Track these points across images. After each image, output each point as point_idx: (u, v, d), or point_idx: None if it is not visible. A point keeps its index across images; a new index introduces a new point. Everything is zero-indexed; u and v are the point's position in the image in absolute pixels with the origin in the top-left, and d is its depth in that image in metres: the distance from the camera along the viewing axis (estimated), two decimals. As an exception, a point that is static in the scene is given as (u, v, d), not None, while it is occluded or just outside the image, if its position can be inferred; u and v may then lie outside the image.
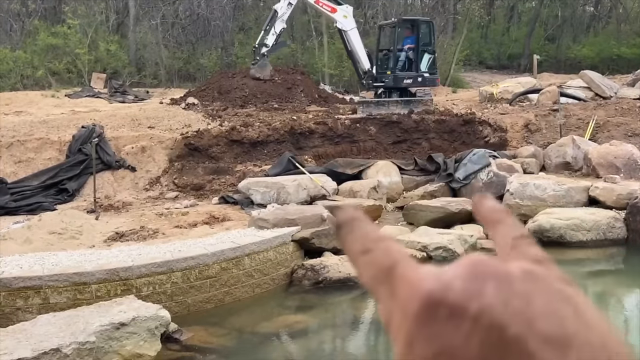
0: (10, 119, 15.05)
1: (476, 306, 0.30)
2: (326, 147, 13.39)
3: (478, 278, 0.31)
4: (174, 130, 13.54)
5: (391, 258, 0.35)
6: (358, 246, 0.36)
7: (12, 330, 5.62)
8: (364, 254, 0.36)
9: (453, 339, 0.30)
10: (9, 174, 11.82)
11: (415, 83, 15.76)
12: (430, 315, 0.31)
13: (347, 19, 16.35)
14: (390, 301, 0.33)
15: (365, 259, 0.36)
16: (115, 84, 22.16)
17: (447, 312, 0.30)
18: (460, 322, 0.30)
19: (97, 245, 8.36)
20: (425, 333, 0.30)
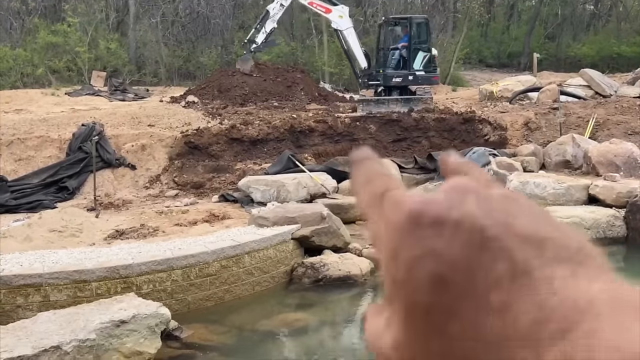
0: (11, 117, 15.05)
1: (457, 214, 0.31)
2: (326, 145, 13.40)
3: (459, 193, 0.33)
4: (174, 129, 13.55)
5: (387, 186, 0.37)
6: (363, 178, 0.39)
7: (12, 328, 5.63)
8: (366, 184, 0.38)
9: (435, 242, 0.31)
10: (9, 172, 11.83)
11: (405, 81, 15.71)
12: (413, 226, 0.32)
13: (342, 19, 16.38)
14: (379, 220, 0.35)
15: (366, 188, 0.38)
16: (115, 82, 22.17)
17: (430, 221, 0.32)
18: (442, 228, 0.31)
19: (97, 243, 8.37)
20: (409, 241, 0.32)
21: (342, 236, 8.77)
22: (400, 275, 0.32)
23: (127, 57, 27.04)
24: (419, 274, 0.31)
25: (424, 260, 0.31)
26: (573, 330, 0.27)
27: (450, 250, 0.31)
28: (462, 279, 0.30)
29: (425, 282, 0.31)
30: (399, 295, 0.32)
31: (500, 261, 0.30)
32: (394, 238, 0.33)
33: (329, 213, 8.84)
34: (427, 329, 0.31)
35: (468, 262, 0.30)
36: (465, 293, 0.30)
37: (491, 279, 0.30)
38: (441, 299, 0.30)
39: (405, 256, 0.32)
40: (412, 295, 0.31)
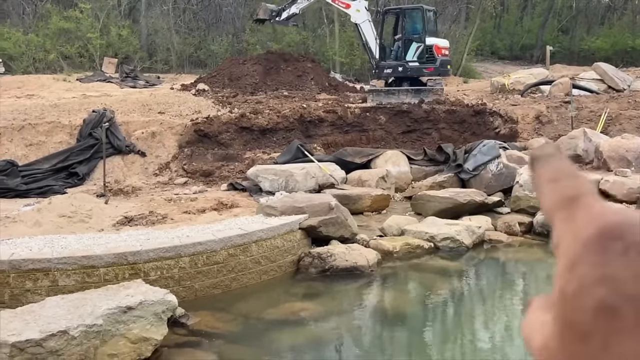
0: (22, 102, 15.13)
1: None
2: (335, 135, 13.37)
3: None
4: (184, 116, 13.57)
5: (579, 190, 0.35)
6: (549, 175, 0.37)
7: (20, 312, 5.67)
8: (553, 182, 0.36)
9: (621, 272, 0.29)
10: (20, 157, 11.91)
11: (395, 73, 15.68)
12: (603, 245, 0.30)
13: (359, 13, 16.34)
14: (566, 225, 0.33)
15: (553, 186, 0.36)
16: (126, 69, 22.20)
17: (624, 247, 0.29)
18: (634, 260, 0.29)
19: (106, 229, 8.41)
20: (592, 259, 0.30)
21: (350, 227, 8.77)
22: (570, 289, 0.30)
23: (139, 44, 27.06)
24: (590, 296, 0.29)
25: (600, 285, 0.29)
26: None
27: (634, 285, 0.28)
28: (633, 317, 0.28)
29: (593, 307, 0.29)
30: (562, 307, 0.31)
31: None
32: (578, 249, 0.31)
33: (337, 203, 8.83)
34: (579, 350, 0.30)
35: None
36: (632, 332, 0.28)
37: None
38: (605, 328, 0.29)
39: (583, 273, 0.30)
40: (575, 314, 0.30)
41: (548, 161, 0.38)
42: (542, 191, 0.37)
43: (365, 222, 9.56)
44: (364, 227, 9.24)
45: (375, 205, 10.24)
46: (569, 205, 0.34)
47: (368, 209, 10.16)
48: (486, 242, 9.41)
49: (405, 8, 16.74)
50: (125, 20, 28.12)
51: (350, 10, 16.37)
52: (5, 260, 6.78)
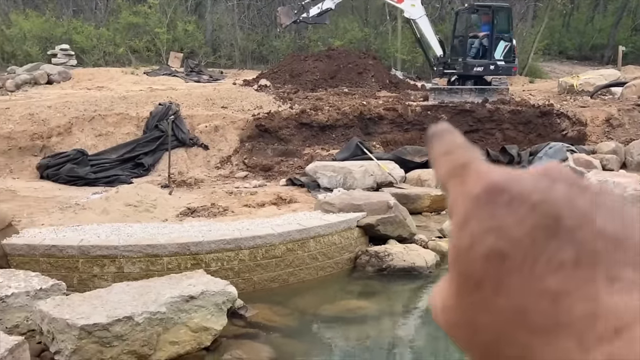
0: (92, 93, 15.74)
1: (538, 197, 0.31)
2: (395, 133, 13.25)
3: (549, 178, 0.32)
4: (246, 111, 13.77)
5: (470, 157, 0.37)
6: (443, 148, 0.38)
7: (88, 296, 5.87)
8: (446, 154, 0.38)
9: (506, 220, 0.31)
10: (89, 147, 12.38)
11: (486, 71, 15.36)
12: (489, 199, 0.32)
13: (414, 8, 15.97)
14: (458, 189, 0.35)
15: (446, 157, 0.38)
16: (191, 64, 22.72)
17: (508, 198, 0.31)
18: (517, 208, 0.31)
19: (169, 219, 8.63)
20: (481, 213, 0.32)
21: (408, 227, 8.68)
22: (463, 244, 0.32)
23: (203, 39, 27.63)
24: (481, 245, 0.31)
25: (489, 234, 0.31)
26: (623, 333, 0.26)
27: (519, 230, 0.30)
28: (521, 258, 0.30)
29: (484, 255, 0.31)
30: (457, 263, 0.32)
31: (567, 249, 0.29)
32: (468, 207, 0.33)
33: (396, 202, 8.76)
34: (476, 300, 0.31)
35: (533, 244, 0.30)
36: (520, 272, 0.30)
37: (553, 263, 0.29)
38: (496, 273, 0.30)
39: (473, 227, 0.32)
40: (468, 265, 0.31)
41: (442, 136, 0.39)
42: (437, 164, 0.38)
43: (424, 223, 9.44)
44: (423, 228, 9.13)
45: (434, 206, 10.10)
46: (461, 171, 0.36)
47: (427, 209, 10.03)
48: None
49: (497, 6, 16.27)
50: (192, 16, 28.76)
51: (404, 4, 15.91)
52: (75, 246, 7.06)
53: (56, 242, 7.12)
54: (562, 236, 0.30)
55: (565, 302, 0.28)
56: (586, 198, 0.31)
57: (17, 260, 7.00)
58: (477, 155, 0.37)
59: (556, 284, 0.29)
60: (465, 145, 0.39)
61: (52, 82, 18.38)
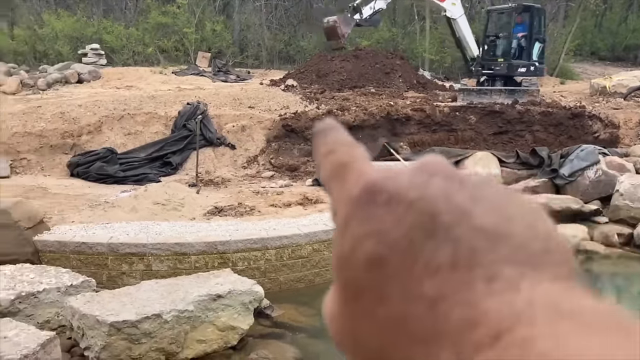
0: (122, 92, 15.94)
1: (415, 194, 0.29)
2: (422, 134, 13.14)
3: (426, 173, 0.31)
4: (272, 111, 13.79)
5: (351, 156, 0.36)
6: (326, 147, 0.37)
7: (118, 293, 5.94)
8: (329, 154, 0.37)
9: (384, 221, 0.29)
10: (118, 145, 12.53)
11: (528, 72, 15.25)
12: (368, 200, 0.31)
13: (455, 7, 15.73)
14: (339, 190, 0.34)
15: (329, 157, 0.37)
16: (219, 64, 22.85)
17: (385, 198, 0.30)
18: (395, 207, 0.29)
19: (197, 218, 8.68)
20: (361, 215, 0.30)
21: (436, 229, 8.58)
22: (344, 250, 0.31)
23: (231, 39, 27.79)
24: (361, 250, 0.29)
25: (369, 237, 0.29)
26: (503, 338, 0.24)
27: (397, 231, 0.29)
28: (398, 262, 0.28)
29: (364, 261, 0.29)
30: (340, 270, 0.31)
31: (444, 249, 0.27)
32: (348, 209, 0.32)
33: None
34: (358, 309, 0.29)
35: (410, 246, 0.28)
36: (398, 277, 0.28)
37: (431, 266, 0.27)
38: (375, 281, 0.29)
39: (353, 230, 0.30)
40: (350, 272, 0.30)
41: (326, 135, 0.38)
42: (320, 164, 0.37)
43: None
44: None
45: (332, 223, 9.97)
46: (342, 171, 0.35)
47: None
48: (581, 253, 8.97)
49: (535, 6, 15.98)
50: (220, 16, 28.95)
51: (446, 3, 15.57)
52: (104, 243, 7.15)
53: (86, 239, 7.21)
54: (440, 235, 0.28)
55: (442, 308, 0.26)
56: (465, 192, 0.29)
57: (48, 257, 7.11)
58: (360, 153, 0.36)
59: (433, 288, 0.27)
60: (349, 143, 0.37)
61: (83, 81, 18.67)
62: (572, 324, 0.24)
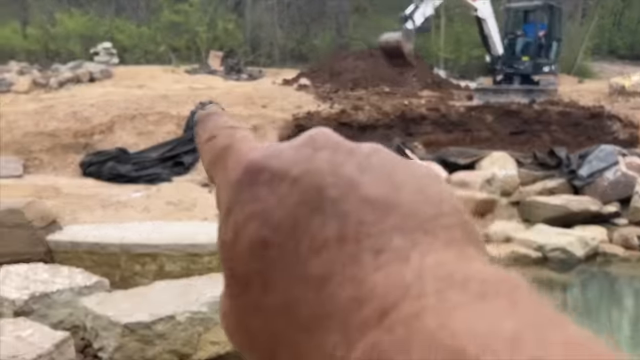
0: (134, 92, 15.92)
1: (299, 170, 0.27)
2: (438, 134, 13.00)
3: (312, 147, 0.29)
4: (285, 111, 13.71)
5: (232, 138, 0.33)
6: (206, 134, 0.35)
7: (131, 294, 5.89)
8: (210, 140, 0.34)
9: (267, 201, 0.27)
10: (131, 145, 12.49)
11: (551, 72, 15.19)
12: (249, 181, 0.28)
13: (485, 5, 15.36)
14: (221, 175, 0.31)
15: (208, 145, 0.34)
16: (231, 63, 22.81)
17: (268, 177, 0.28)
18: (278, 185, 0.27)
19: (209, 218, 8.62)
20: (242, 199, 0.28)
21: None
22: (227, 238, 0.28)
23: (243, 38, 27.78)
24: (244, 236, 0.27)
25: (251, 220, 0.27)
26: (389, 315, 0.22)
27: (280, 211, 0.27)
28: (283, 243, 0.26)
29: (247, 247, 0.27)
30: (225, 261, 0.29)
31: (331, 224, 0.25)
32: (230, 194, 0.29)
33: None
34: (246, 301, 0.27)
35: (295, 225, 0.26)
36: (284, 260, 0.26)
37: (317, 244, 0.25)
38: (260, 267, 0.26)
39: (236, 215, 0.28)
40: (234, 262, 0.28)
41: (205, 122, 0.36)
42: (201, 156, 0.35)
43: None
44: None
45: (479, 210, 9.82)
46: (223, 155, 0.32)
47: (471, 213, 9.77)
48: (600, 256, 8.82)
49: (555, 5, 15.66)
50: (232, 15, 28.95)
51: (478, 3, 15.04)
52: (117, 244, 7.09)
53: (99, 239, 7.15)
54: (326, 210, 0.26)
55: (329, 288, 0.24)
56: (352, 163, 0.27)
57: (60, 257, 7.06)
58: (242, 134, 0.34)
59: (319, 267, 0.25)
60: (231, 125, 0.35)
61: (95, 80, 18.69)
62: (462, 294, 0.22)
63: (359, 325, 0.22)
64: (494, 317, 0.21)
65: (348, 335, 0.23)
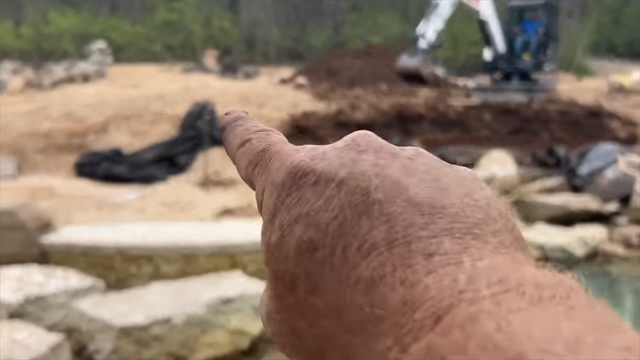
0: (129, 91, 15.81)
1: (344, 172, 0.28)
2: (436, 133, 12.94)
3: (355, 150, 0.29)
4: (281, 110, 13.62)
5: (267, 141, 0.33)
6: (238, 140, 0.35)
7: (126, 296, 5.83)
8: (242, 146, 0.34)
9: (313, 203, 0.27)
10: (125, 145, 12.38)
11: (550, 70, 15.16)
12: (294, 184, 0.29)
13: (487, 7, 15.23)
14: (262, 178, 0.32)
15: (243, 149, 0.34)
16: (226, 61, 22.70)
17: (313, 179, 0.28)
18: (324, 188, 0.28)
19: (206, 219, 8.53)
20: (288, 201, 0.28)
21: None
22: (273, 240, 0.29)
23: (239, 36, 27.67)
24: (290, 238, 0.28)
25: (298, 223, 0.28)
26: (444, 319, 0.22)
27: (327, 213, 0.27)
28: (331, 246, 0.26)
29: (294, 248, 0.27)
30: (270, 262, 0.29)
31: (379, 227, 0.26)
32: (274, 197, 0.29)
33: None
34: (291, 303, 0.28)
35: (342, 227, 0.26)
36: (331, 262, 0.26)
37: (366, 247, 0.25)
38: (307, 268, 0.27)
39: (282, 217, 0.28)
40: (280, 263, 0.28)
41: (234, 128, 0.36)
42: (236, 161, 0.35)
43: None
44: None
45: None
46: (261, 158, 0.33)
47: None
48: (600, 255, 8.78)
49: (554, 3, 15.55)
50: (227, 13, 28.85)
51: (480, 5, 14.95)
52: (112, 245, 7.00)
53: (94, 240, 7.08)
54: (374, 213, 0.26)
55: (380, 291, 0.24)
56: (396, 165, 0.28)
57: (55, 259, 6.97)
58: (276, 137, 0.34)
59: (369, 270, 0.25)
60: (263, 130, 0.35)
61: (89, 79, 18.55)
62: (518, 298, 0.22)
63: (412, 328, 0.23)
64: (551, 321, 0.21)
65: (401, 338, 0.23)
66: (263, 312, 0.31)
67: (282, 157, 0.31)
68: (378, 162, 0.28)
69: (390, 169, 0.27)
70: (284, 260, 0.28)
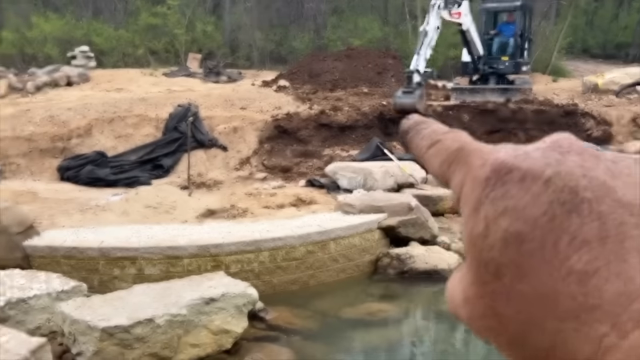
0: (112, 95, 15.81)
1: (551, 171, 0.29)
2: (416, 134, 13.09)
3: (558, 151, 0.30)
4: (264, 112, 13.72)
5: (461, 140, 0.35)
6: (426, 142, 0.36)
7: (109, 298, 5.88)
8: (433, 146, 0.36)
9: (520, 199, 0.29)
10: (109, 148, 12.42)
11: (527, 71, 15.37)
12: (500, 179, 0.30)
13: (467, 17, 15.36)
14: (462, 173, 0.33)
15: (434, 149, 0.36)
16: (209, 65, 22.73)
17: (519, 176, 0.30)
18: (530, 184, 0.29)
19: (189, 220, 8.61)
20: (493, 195, 0.30)
21: (430, 229, 8.55)
22: (477, 230, 0.30)
23: (222, 40, 27.67)
24: (496, 230, 0.29)
25: (504, 216, 0.29)
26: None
27: (535, 209, 0.29)
28: (541, 239, 0.28)
29: (501, 239, 0.29)
30: (474, 250, 0.31)
31: (590, 223, 0.28)
32: (478, 192, 0.31)
33: (417, 204, 8.64)
34: (497, 288, 0.30)
35: (552, 223, 0.28)
36: (542, 254, 0.28)
37: (577, 242, 0.27)
38: (515, 258, 0.29)
39: (487, 210, 0.30)
40: (485, 252, 0.30)
41: (419, 130, 0.37)
42: (426, 159, 0.36)
43: (446, 225, 9.30)
44: (445, 230, 8.99)
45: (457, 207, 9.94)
46: (458, 156, 0.34)
47: (449, 210, 9.88)
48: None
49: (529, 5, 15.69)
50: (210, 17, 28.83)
51: (462, 18, 14.88)
52: (96, 248, 7.07)
53: (77, 243, 7.13)
54: (583, 210, 0.28)
55: (594, 283, 0.26)
56: (601, 167, 0.29)
57: (38, 262, 7.02)
58: (468, 137, 0.35)
59: (582, 263, 0.27)
60: (449, 130, 0.37)
61: (72, 83, 18.52)
62: None
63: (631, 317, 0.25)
64: None
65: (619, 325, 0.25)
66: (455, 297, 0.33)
67: (483, 154, 0.33)
68: (584, 164, 0.29)
69: (596, 170, 0.29)
70: (488, 249, 0.30)
